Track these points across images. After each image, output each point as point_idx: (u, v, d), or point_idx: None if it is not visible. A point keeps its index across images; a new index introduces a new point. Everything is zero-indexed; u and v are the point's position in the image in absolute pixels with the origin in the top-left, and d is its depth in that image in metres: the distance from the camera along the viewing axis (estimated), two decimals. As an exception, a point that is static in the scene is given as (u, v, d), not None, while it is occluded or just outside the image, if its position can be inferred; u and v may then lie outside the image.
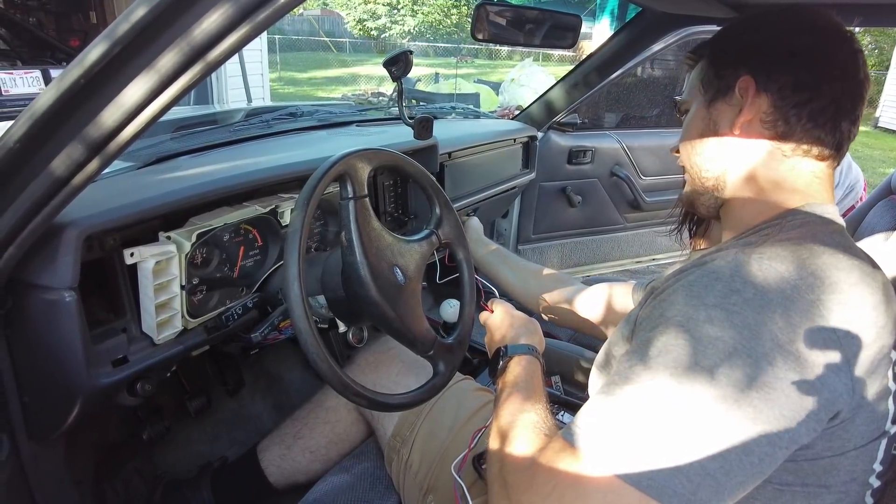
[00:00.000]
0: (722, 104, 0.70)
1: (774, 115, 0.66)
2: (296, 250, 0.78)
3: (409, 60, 1.20)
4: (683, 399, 0.50)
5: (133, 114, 0.57)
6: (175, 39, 0.52)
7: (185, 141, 1.29)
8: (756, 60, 0.67)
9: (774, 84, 0.65)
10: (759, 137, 0.67)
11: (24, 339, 0.84)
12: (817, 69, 0.65)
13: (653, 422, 0.50)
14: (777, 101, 0.65)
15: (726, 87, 0.69)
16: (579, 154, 2.31)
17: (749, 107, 0.66)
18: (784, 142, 0.66)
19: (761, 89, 0.66)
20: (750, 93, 0.66)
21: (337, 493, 1.02)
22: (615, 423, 0.52)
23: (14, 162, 0.62)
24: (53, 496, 0.98)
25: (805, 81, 0.65)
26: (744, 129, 0.67)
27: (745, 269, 0.53)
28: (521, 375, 0.80)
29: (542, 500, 0.52)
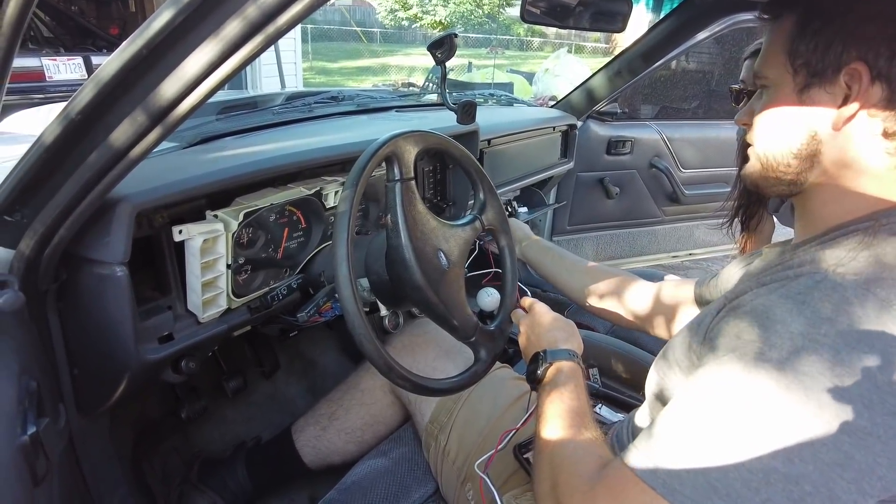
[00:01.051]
0: (819, 91, 0.56)
1: (888, 108, 0.53)
2: (345, 230, 0.77)
3: (454, 44, 1.18)
4: (762, 432, 0.45)
5: (193, 85, 0.57)
6: (240, 8, 0.51)
7: (230, 122, 1.29)
8: (873, 40, 0.52)
9: (894, 68, 0.52)
10: (862, 134, 0.55)
11: (76, 312, 0.86)
12: None
13: (731, 455, 0.46)
14: (893, 94, 0.53)
15: (830, 69, 0.55)
16: (618, 144, 2.27)
17: (858, 98, 0.54)
18: (893, 139, 0.54)
19: (878, 77, 0.53)
20: (863, 81, 0.53)
21: (375, 477, 1.02)
22: (684, 452, 0.48)
23: (75, 134, 0.63)
24: (99, 468, 1.00)
25: None
26: (844, 124, 0.56)
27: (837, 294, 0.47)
28: (565, 385, 0.76)
29: None
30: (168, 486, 1.25)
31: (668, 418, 0.52)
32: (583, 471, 0.60)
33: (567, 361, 0.80)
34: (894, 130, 0.54)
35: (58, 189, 0.68)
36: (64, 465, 0.85)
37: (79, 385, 0.91)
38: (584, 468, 0.60)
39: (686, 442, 0.49)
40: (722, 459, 0.47)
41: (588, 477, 0.58)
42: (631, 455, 0.53)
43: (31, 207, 0.70)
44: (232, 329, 1.01)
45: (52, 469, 0.64)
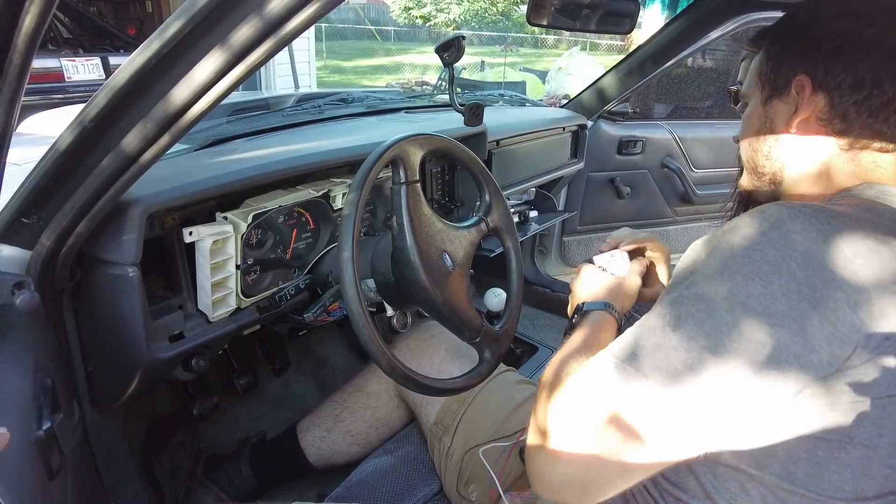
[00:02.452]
0: (778, 102, 0.69)
1: (831, 113, 0.64)
2: (350, 232, 0.78)
3: (461, 46, 1.19)
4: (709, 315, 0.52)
5: (202, 91, 0.58)
6: (248, 15, 0.53)
7: (240, 124, 1.31)
8: (813, 57, 0.65)
9: (832, 81, 0.63)
10: (816, 134, 0.66)
11: (90, 311, 0.88)
12: (879, 63, 0.62)
13: (681, 334, 0.53)
14: (835, 98, 0.64)
15: (783, 84, 0.68)
16: (629, 144, 2.26)
17: (805, 106, 0.65)
18: (842, 137, 0.65)
19: (818, 88, 0.64)
20: (806, 92, 0.65)
21: (381, 475, 1.03)
22: (649, 337, 0.55)
23: (88, 139, 0.65)
24: (113, 462, 1.03)
25: (864, 78, 0.62)
26: (800, 127, 0.67)
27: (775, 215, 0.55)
28: (589, 326, 0.75)
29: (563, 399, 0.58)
30: (175, 482, 1.27)
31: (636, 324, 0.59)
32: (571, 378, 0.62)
33: (600, 311, 0.78)
34: (840, 129, 0.64)
35: (72, 192, 0.70)
36: (78, 458, 0.88)
37: (93, 381, 0.94)
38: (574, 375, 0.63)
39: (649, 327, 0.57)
40: (659, 339, 0.54)
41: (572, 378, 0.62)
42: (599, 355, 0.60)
43: (48, 210, 0.73)
44: (241, 328, 1.03)
45: (66, 463, 0.66)
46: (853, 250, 0.51)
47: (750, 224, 0.55)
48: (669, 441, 0.54)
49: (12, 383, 0.62)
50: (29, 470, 0.56)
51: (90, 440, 0.97)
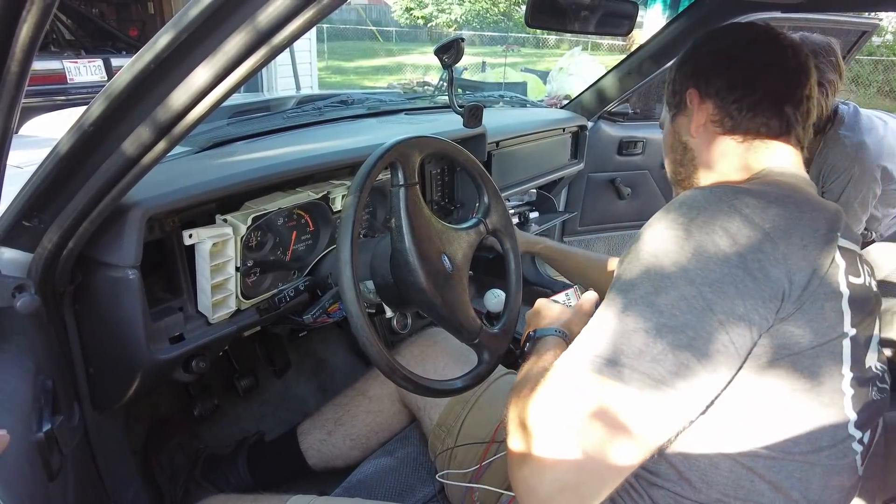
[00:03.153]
0: (681, 117, 0.83)
1: (720, 114, 0.77)
2: (349, 235, 0.79)
3: (460, 48, 1.19)
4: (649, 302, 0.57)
5: (199, 97, 0.59)
6: (242, 24, 0.53)
7: (241, 127, 1.32)
8: (697, 74, 0.79)
9: (713, 89, 0.77)
10: (714, 135, 0.78)
11: (91, 313, 0.89)
12: (746, 69, 0.76)
13: (628, 325, 0.57)
14: (718, 102, 0.77)
15: (680, 101, 0.82)
16: (630, 145, 2.26)
17: (697, 112, 0.79)
18: (735, 133, 0.77)
19: (704, 96, 0.78)
20: (696, 101, 0.79)
21: (381, 476, 1.04)
22: (597, 335, 0.59)
23: (88, 143, 0.65)
24: (113, 463, 1.03)
25: (737, 81, 0.75)
26: (699, 132, 0.79)
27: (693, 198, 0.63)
28: (543, 352, 0.79)
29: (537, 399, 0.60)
30: (174, 483, 1.28)
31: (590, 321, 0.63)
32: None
33: (552, 336, 0.83)
34: (731, 127, 0.77)
35: (73, 196, 0.70)
36: (79, 459, 0.88)
37: (94, 383, 0.95)
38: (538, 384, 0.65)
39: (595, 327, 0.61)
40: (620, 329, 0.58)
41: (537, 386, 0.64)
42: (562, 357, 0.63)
43: (48, 213, 0.73)
44: (241, 330, 1.03)
45: (66, 464, 0.67)
46: (758, 215, 0.59)
47: (674, 208, 0.62)
48: (655, 429, 0.57)
49: (13, 385, 0.63)
50: (29, 471, 0.56)
51: (91, 441, 0.98)
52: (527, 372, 0.73)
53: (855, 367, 0.63)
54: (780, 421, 0.60)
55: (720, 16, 1.67)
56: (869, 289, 0.68)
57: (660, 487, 0.66)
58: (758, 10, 1.70)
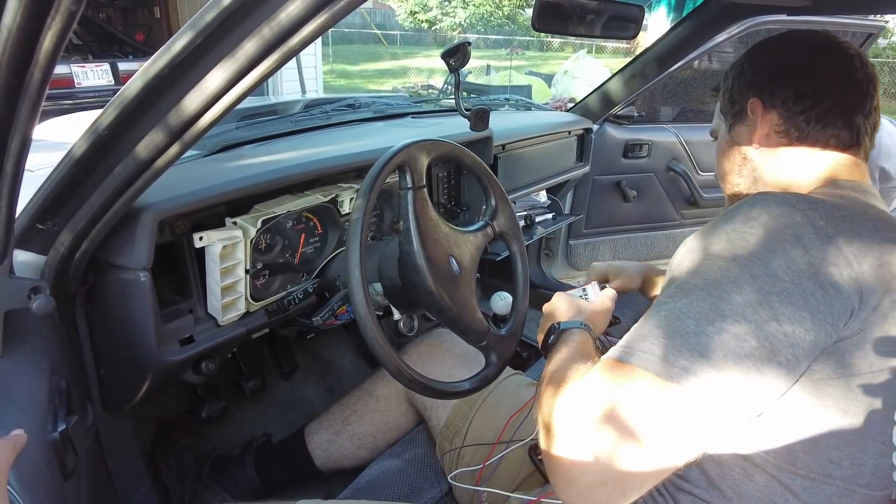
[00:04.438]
0: (740, 126, 0.80)
1: (786, 125, 0.74)
2: (358, 237, 0.79)
3: (467, 52, 1.20)
4: (713, 305, 0.55)
5: (213, 100, 0.59)
6: (256, 28, 0.54)
7: (249, 130, 1.33)
8: (759, 83, 0.76)
9: (778, 99, 0.74)
10: (778, 146, 0.75)
11: (103, 315, 0.90)
12: (813, 78, 0.73)
13: (687, 325, 0.55)
14: (784, 113, 0.74)
15: (740, 111, 0.79)
16: (635, 148, 2.26)
17: (761, 123, 0.76)
18: (801, 144, 0.74)
19: (768, 106, 0.75)
20: (759, 111, 0.76)
21: (388, 477, 1.04)
22: (653, 332, 0.57)
23: (102, 147, 0.66)
24: (123, 464, 1.04)
25: (804, 91, 0.72)
26: (762, 142, 0.76)
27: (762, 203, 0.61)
28: (571, 344, 0.77)
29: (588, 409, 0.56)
30: (181, 485, 1.29)
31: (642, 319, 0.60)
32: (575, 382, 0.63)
33: (578, 329, 0.81)
34: (797, 137, 0.74)
35: (86, 199, 0.71)
36: (91, 460, 0.89)
37: (105, 384, 0.95)
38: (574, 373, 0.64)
39: (650, 323, 0.58)
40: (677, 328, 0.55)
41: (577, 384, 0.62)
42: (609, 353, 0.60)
43: (62, 216, 0.74)
44: (250, 332, 1.04)
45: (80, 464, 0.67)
46: (832, 227, 0.57)
47: (741, 211, 0.60)
48: (704, 432, 0.55)
49: (29, 385, 0.64)
50: (45, 470, 0.57)
51: (102, 442, 0.99)
52: (559, 364, 0.71)
53: None
54: (826, 441, 0.58)
55: (726, 19, 1.68)
56: None
57: (687, 493, 0.64)
58: (763, 12, 1.70)
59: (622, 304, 1.01)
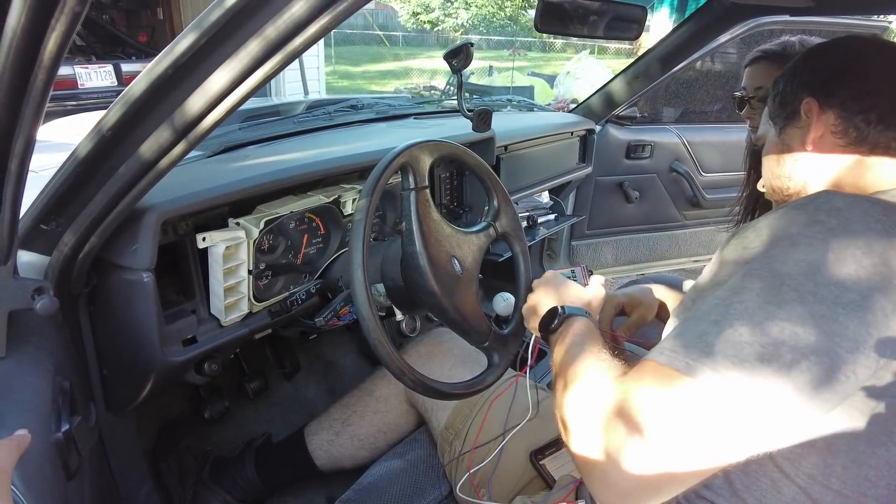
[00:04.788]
0: (792, 128, 0.75)
1: (843, 125, 0.70)
2: (360, 238, 0.80)
3: (469, 53, 1.20)
4: (770, 317, 0.51)
5: (216, 101, 0.60)
6: (259, 29, 0.54)
7: (252, 131, 1.33)
8: (815, 83, 0.73)
9: (835, 99, 0.70)
10: (834, 148, 0.71)
11: (106, 315, 0.90)
12: (871, 78, 0.70)
13: (743, 335, 0.52)
14: (841, 112, 0.70)
15: (793, 112, 0.75)
16: (638, 148, 2.26)
17: (816, 123, 0.71)
18: (860, 146, 0.69)
19: (824, 106, 0.71)
20: (814, 111, 0.71)
21: (391, 478, 1.04)
22: (706, 337, 0.53)
23: (106, 148, 0.66)
24: (126, 465, 1.04)
25: (862, 90, 0.69)
26: (816, 144, 0.72)
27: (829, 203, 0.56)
28: (582, 331, 0.76)
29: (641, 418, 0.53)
30: (182, 485, 1.29)
31: (689, 320, 0.57)
32: (605, 382, 0.61)
33: (583, 317, 0.79)
34: (856, 138, 0.69)
35: (90, 199, 0.71)
36: (94, 461, 0.89)
37: (108, 385, 0.96)
38: (607, 379, 0.62)
39: (700, 329, 0.55)
40: (731, 336, 0.52)
41: (611, 385, 0.60)
42: (653, 354, 0.57)
43: (66, 217, 0.75)
44: (253, 332, 1.04)
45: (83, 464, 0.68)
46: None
47: (805, 212, 0.56)
48: (745, 440, 0.52)
49: (32, 386, 0.64)
50: (49, 470, 0.57)
51: (104, 442, 0.99)
52: (576, 356, 0.69)
53: None
54: (867, 460, 0.55)
55: (729, 19, 1.67)
56: None
57: (708, 501, 0.61)
58: (767, 13, 1.70)
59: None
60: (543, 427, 1.00)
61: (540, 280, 0.91)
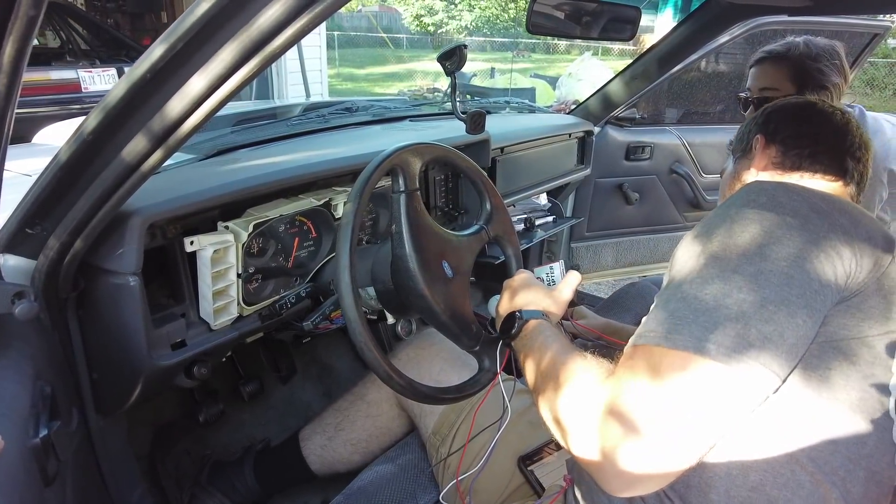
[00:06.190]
0: (743, 160, 0.94)
1: (782, 158, 0.87)
2: (347, 241, 0.79)
3: (463, 55, 1.19)
4: (731, 278, 0.58)
5: (195, 105, 0.59)
6: (236, 33, 0.54)
7: (245, 134, 1.33)
8: (766, 125, 0.91)
9: (779, 136, 0.88)
10: (773, 175, 0.87)
11: (94, 319, 0.90)
12: (808, 127, 0.87)
13: (710, 301, 0.58)
14: (782, 147, 0.87)
15: (746, 146, 0.93)
16: (637, 150, 2.25)
17: (761, 155, 0.89)
18: (794, 172, 0.85)
19: (769, 142, 0.89)
20: (761, 145, 0.89)
21: (381, 483, 1.03)
22: (678, 312, 0.59)
23: (87, 153, 0.66)
24: (117, 468, 1.04)
25: (800, 134, 0.86)
26: (760, 170, 0.88)
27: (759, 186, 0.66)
28: (546, 333, 0.79)
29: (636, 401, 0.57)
30: (180, 488, 1.28)
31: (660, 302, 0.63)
32: (590, 376, 0.65)
33: (542, 320, 0.83)
34: (789, 166, 0.86)
35: (73, 204, 0.71)
36: (81, 464, 0.89)
37: (98, 388, 0.95)
38: (591, 374, 0.66)
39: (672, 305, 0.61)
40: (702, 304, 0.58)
41: (597, 376, 0.64)
42: (638, 338, 0.62)
43: (50, 221, 0.74)
44: (243, 336, 1.04)
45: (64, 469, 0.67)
46: (822, 200, 0.63)
47: (739, 196, 0.66)
48: (735, 406, 0.57)
49: (10, 391, 0.63)
50: (24, 477, 0.56)
51: (94, 446, 0.99)
52: (552, 360, 0.73)
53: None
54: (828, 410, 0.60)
55: (727, 19, 1.66)
56: None
57: None
58: (765, 13, 1.69)
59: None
60: (530, 432, 0.99)
61: (509, 282, 0.94)
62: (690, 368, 0.55)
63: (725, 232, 0.62)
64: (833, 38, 1.61)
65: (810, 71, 1.47)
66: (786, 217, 0.61)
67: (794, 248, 0.59)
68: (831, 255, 0.59)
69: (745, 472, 0.61)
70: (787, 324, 0.56)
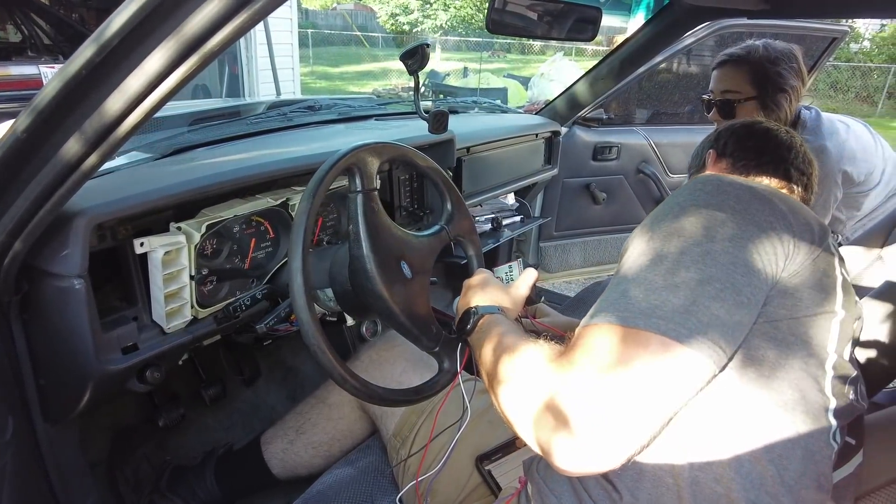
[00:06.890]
0: (697, 174, 1.02)
1: (731, 168, 0.95)
2: (300, 241, 0.78)
3: (425, 54, 1.18)
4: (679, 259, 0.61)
5: (133, 104, 0.58)
6: (171, 32, 0.52)
7: (203, 133, 1.30)
8: (717, 142, 1.00)
9: (728, 150, 0.97)
10: None
11: (39, 323, 0.87)
12: (754, 142, 0.95)
13: (659, 281, 0.60)
14: (730, 160, 0.96)
15: (701, 162, 1.02)
16: (605, 150, 2.27)
17: (712, 167, 0.98)
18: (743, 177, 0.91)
19: (720, 156, 0.98)
20: (713, 159, 0.99)
21: (340, 487, 1.02)
22: (629, 292, 0.61)
23: (23, 151, 0.64)
24: (68, 478, 1.01)
25: (747, 148, 0.95)
26: None
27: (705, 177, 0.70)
28: (500, 325, 0.79)
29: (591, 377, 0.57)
30: (138, 495, 1.25)
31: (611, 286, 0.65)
32: (541, 357, 0.65)
33: (498, 314, 0.84)
34: (738, 174, 0.93)
35: (10, 204, 0.69)
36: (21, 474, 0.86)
37: (45, 394, 0.92)
38: (542, 355, 0.66)
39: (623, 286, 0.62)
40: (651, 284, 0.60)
41: (548, 356, 0.65)
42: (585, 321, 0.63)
43: (-14, 222, 0.72)
44: (198, 339, 1.01)
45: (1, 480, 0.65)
46: (765, 190, 0.67)
47: (690, 189, 0.69)
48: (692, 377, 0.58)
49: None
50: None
51: (43, 454, 0.95)
52: (503, 350, 0.72)
53: (839, 351, 0.65)
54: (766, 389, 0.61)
55: (688, 21, 1.69)
56: (851, 286, 0.72)
57: None
58: (724, 15, 1.72)
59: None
60: (489, 432, 0.99)
61: (468, 281, 0.94)
62: (641, 344, 0.56)
63: (673, 218, 0.65)
64: (795, 41, 1.64)
65: (770, 74, 1.50)
66: (730, 202, 0.64)
67: (738, 230, 0.62)
68: (772, 237, 0.62)
69: (685, 454, 0.62)
70: (734, 301, 0.58)
